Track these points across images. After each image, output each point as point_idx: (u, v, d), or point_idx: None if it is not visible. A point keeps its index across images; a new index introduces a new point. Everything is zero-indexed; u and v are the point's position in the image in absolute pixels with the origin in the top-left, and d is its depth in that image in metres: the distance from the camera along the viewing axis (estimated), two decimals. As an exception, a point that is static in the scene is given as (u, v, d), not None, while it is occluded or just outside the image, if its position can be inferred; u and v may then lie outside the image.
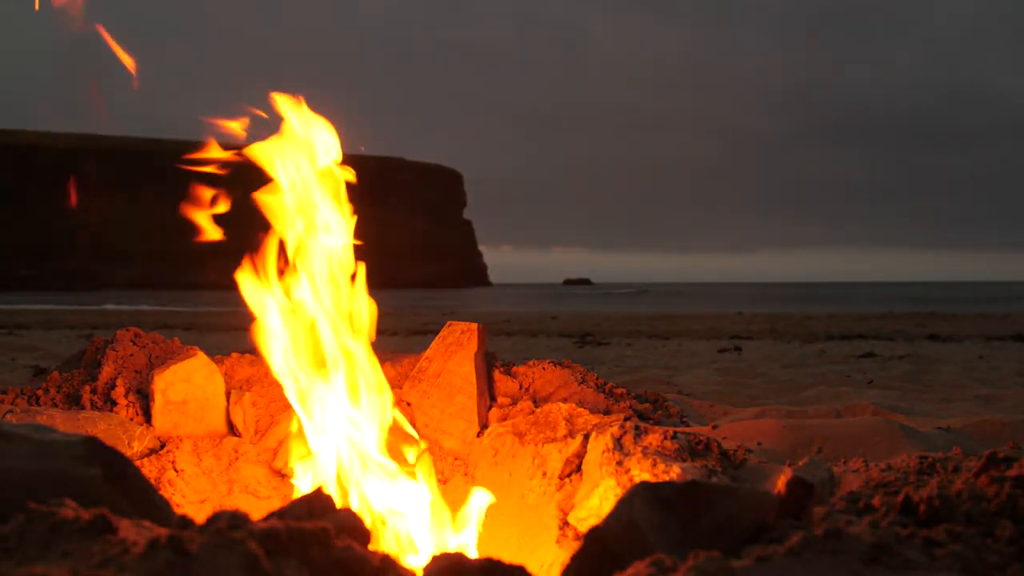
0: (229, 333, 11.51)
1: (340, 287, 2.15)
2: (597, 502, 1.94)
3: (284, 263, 2.13)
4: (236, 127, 2.21)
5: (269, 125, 2.20)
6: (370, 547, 1.14)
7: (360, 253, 2.29)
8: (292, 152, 2.16)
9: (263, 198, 2.13)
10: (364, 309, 2.16)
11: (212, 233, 2.21)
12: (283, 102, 2.17)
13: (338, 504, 1.24)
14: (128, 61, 2.15)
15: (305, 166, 2.16)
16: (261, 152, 2.15)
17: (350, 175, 2.22)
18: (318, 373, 2.11)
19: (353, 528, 1.16)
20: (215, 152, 2.20)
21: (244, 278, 2.10)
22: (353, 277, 2.18)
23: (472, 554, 1.92)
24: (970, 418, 2.55)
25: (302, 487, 2.14)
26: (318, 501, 1.20)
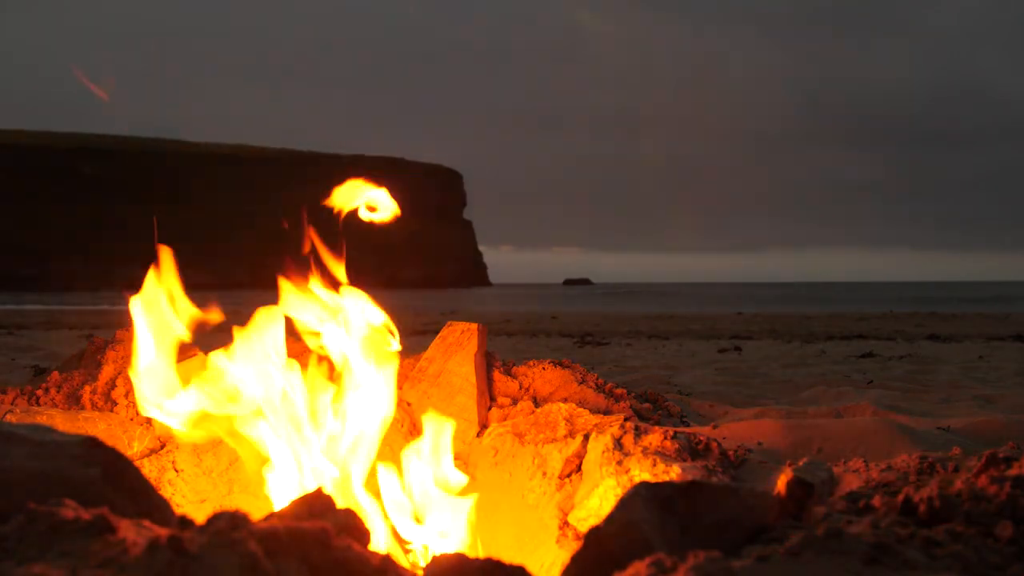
0: (228, 333, 11.49)
1: None
2: (597, 502, 1.94)
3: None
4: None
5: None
6: (370, 547, 1.14)
7: (361, 252, 2.32)
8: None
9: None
10: None
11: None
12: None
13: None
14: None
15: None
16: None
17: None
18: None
19: (353, 528, 1.16)
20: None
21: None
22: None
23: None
24: (970, 418, 2.55)
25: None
26: (318, 501, 1.20)
